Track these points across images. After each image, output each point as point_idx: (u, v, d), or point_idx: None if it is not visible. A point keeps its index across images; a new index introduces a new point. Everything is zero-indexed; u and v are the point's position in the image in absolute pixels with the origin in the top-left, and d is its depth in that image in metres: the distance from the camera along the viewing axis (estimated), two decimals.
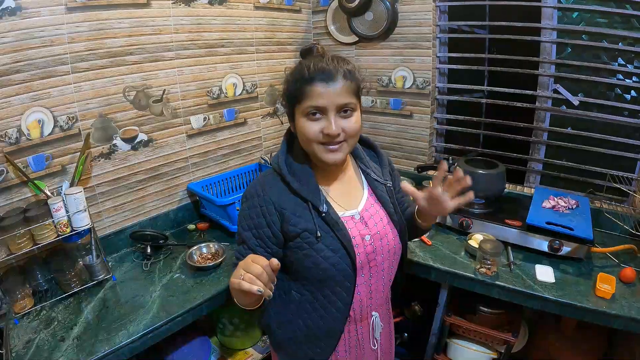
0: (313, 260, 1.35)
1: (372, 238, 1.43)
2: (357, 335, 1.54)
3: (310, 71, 1.25)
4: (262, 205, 1.36)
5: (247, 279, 1.07)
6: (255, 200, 1.37)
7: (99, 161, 2.13)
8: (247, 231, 1.39)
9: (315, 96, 1.25)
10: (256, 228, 1.37)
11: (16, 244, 1.72)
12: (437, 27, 2.68)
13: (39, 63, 1.82)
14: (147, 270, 2.11)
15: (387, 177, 1.57)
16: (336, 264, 1.36)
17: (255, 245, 1.38)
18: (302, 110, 1.28)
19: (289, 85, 1.32)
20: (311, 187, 1.37)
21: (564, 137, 2.51)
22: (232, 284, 1.11)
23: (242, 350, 2.40)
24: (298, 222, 1.35)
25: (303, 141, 1.34)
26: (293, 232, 1.35)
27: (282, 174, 1.37)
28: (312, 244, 1.35)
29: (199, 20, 2.37)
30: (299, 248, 1.37)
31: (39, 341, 1.62)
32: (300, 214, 1.35)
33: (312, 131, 1.28)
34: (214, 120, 2.60)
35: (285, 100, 1.36)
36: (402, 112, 2.93)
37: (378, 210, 1.49)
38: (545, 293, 1.81)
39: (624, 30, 2.19)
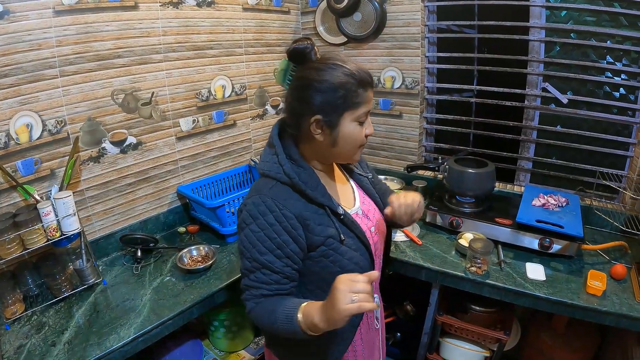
0: (339, 265, 1.33)
1: (375, 228, 1.50)
2: (367, 320, 1.58)
3: (360, 77, 1.25)
4: (281, 221, 1.26)
5: (364, 299, 1.06)
6: (270, 217, 1.26)
7: (88, 165, 2.11)
8: (267, 254, 1.28)
9: (368, 101, 1.29)
10: (279, 248, 1.27)
11: (6, 249, 1.72)
12: (426, 27, 2.68)
13: (26, 67, 1.81)
14: (137, 273, 2.10)
15: (367, 170, 1.63)
16: (359, 262, 1.38)
17: (282, 267, 1.29)
18: (357, 115, 1.27)
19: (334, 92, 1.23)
20: (321, 191, 1.33)
21: (554, 135, 2.52)
22: (350, 310, 1.05)
23: (234, 353, 2.40)
24: (322, 231, 1.31)
25: (349, 146, 1.32)
26: (318, 242, 1.31)
27: (294, 183, 1.29)
28: (337, 248, 1.33)
29: (187, 23, 2.36)
30: (323, 256, 1.33)
31: (30, 346, 1.62)
32: (321, 221, 1.31)
33: (361, 136, 1.31)
34: (203, 122, 2.60)
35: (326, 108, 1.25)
36: (391, 112, 2.93)
37: (370, 202, 1.54)
38: (536, 291, 1.82)
39: (612, 28, 2.20)
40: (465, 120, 2.80)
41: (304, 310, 1.19)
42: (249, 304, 1.33)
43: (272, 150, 1.36)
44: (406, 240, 2.28)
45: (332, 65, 1.25)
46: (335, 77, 1.23)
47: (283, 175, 1.29)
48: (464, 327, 2.17)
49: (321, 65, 1.26)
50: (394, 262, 2.15)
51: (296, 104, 1.30)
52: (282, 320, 1.21)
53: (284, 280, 1.31)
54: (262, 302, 1.30)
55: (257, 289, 1.30)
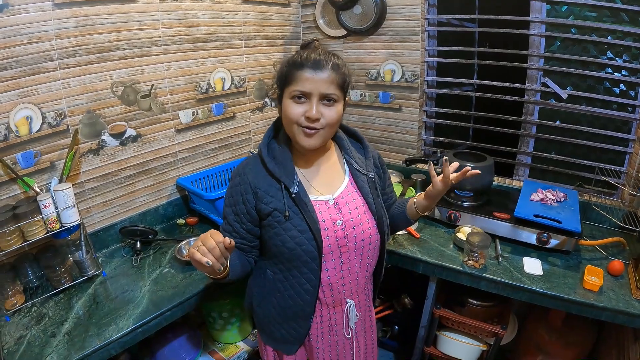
0: (281, 239, 1.43)
1: (345, 224, 1.47)
2: (329, 320, 1.59)
3: (302, 58, 1.35)
4: (240, 184, 1.47)
5: (201, 251, 1.20)
6: (237, 180, 1.49)
7: (88, 157, 2.12)
8: (227, 207, 1.53)
9: (303, 81, 1.34)
10: (234, 205, 1.49)
11: (6, 241, 1.73)
12: (426, 21, 2.68)
13: (26, 60, 1.82)
14: (136, 265, 2.11)
15: (370, 169, 1.61)
16: (302, 244, 1.42)
17: (233, 221, 1.51)
18: (290, 92, 1.37)
19: (282, 68, 1.40)
20: (287, 169, 1.45)
21: (553, 130, 2.52)
22: (189, 253, 1.24)
23: (233, 344, 2.41)
24: (270, 202, 1.43)
25: (285, 122, 1.42)
26: (265, 211, 1.44)
27: (261, 156, 1.49)
28: (280, 222, 1.43)
29: (187, 15, 2.36)
30: (269, 226, 1.46)
31: (30, 337, 1.63)
32: (273, 194, 1.44)
33: (295, 113, 1.36)
34: (203, 114, 2.60)
35: (276, 83, 1.45)
36: (391, 106, 2.93)
37: (356, 199, 1.53)
38: (533, 285, 1.83)
39: (612, 24, 2.20)
40: (464, 114, 2.80)
41: None
42: None
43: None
44: (404, 233, 2.29)
45: (304, 49, 1.44)
46: (290, 57, 1.41)
47: (258, 148, 1.53)
48: (461, 321, 2.18)
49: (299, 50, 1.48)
50: (392, 255, 2.15)
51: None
52: None
53: (234, 233, 1.52)
54: None
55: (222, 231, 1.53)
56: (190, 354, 2.23)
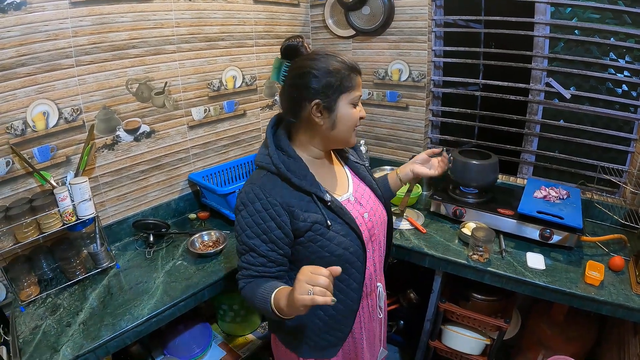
0: (327, 250, 1.40)
1: (369, 215, 1.53)
2: (369, 309, 1.63)
3: (351, 64, 1.37)
4: (267, 208, 1.35)
5: (319, 292, 1.10)
6: (258, 205, 1.35)
7: (103, 152, 2.16)
8: (254, 239, 1.37)
9: (359, 86, 1.41)
10: (265, 233, 1.36)
11: (22, 233, 1.76)
12: (433, 22, 2.71)
13: (43, 56, 1.85)
14: (149, 258, 2.14)
15: (363, 158, 1.69)
16: (349, 247, 1.43)
17: (267, 251, 1.38)
18: (351, 99, 1.39)
19: (330, 76, 1.34)
20: (309, 179, 1.40)
21: (556, 130, 2.55)
22: (303, 300, 1.11)
23: (242, 336, 2.44)
24: (308, 217, 1.37)
25: (345, 128, 1.42)
26: (304, 228, 1.37)
27: (281, 172, 1.37)
28: (324, 234, 1.39)
29: (200, 14, 2.40)
30: (311, 241, 1.40)
31: (45, 327, 1.66)
32: (307, 208, 1.38)
33: (356, 118, 1.42)
34: (214, 112, 2.64)
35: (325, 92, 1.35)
36: (398, 104, 2.97)
37: (365, 189, 1.59)
38: (536, 279, 1.86)
39: (615, 25, 2.22)
40: (470, 113, 2.82)
41: (276, 293, 1.29)
42: (240, 282, 1.45)
43: (265, 142, 1.47)
44: (411, 228, 2.33)
45: (325, 55, 1.36)
46: (330, 64, 1.34)
47: (271, 166, 1.39)
48: (465, 315, 2.22)
49: (316, 56, 1.37)
50: (399, 249, 2.20)
51: (296, 92, 1.38)
52: (259, 301, 1.33)
53: (270, 263, 1.40)
54: (251, 282, 1.41)
55: (247, 270, 1.41)
56: (201, 346, 2.27)
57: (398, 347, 2.88)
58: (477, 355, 2.31)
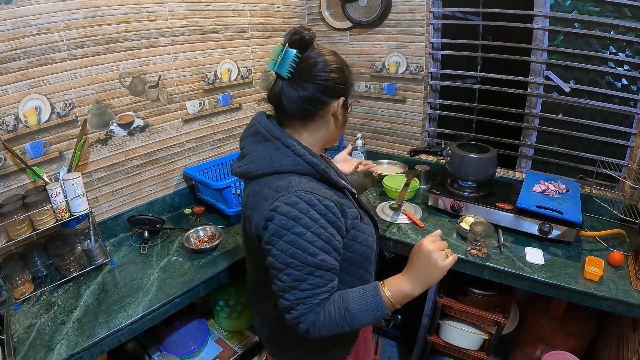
0: (365, 243, 1.38)
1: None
2: None
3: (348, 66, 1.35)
4: (324, 213, 1.18)
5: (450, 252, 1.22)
6: (313, 213, 1.16)
7: (96, 147, 2.14)
8: (320, 254, 1.17)
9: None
10: (328, 242, 1.19)
11: (15, 230, 1.74)
12: (431, 14, 2.68)
13: (35, 50, 1.82)
14: (144, 253, 2.13)
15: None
16: (372, 234, 1.46)
17: (333, 262, 1.21)
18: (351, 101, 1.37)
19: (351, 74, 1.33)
20: (336, 175, 1.36)
21: (555, 123, 2.54)
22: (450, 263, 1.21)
23: (239, 332, 2.44)
24: (349, 213, 1.29)
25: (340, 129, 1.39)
26: (350, 226, 1.29)
27: (318, 171, 1.25)
28: (359, 227, 1.35)
29: (194, 6, 2.37)
30: (353, 239, 1.32)
31: (39, 325, 1.65)
32: (348, 204, 1.32)
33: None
34: (209, 105, 2.62)
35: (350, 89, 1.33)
36: (395, 97, 2.95)
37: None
38: (535, 274, 1.85)
39: (615, 18, 2.21)
40: (468, 106, 2.81)
41: (390, 288, 1.23)
42: (308, 318, 1.20)
43: (273, 143, 1.28)
44: (408, 222, 2.32)
45: (334, 52, 1.33)
46: (343, 63, 1.32)
47: (305, 166, 1.24)
48: (463, 310, 2.22)
49: (333, 51, 1.32)
50: (397, 244, 2.19)
51: (323, 87, 1.26)
52: (365, 311, 1.19)
53: (334, 276, 1.23)
54: (322, 309, 1.20)
55: (313, 297, 1.19)
56: (197, 342, 2.26)
57: (396, 341, 2.88)
58: (475, 350, 2.32)
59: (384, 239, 2.19)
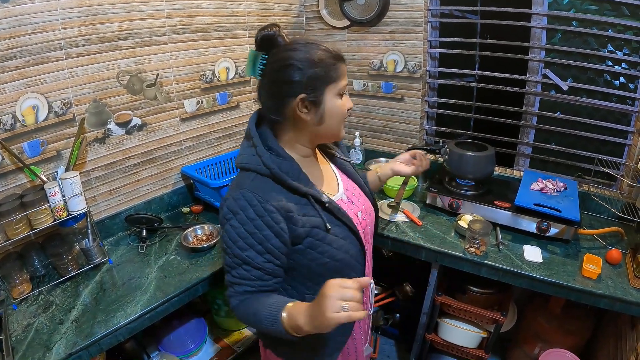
0: (328, 255, 1.31)
1: (362, 213, 1.48)
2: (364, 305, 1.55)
3: (335, 53, 1.28)
4: (262, 215, 1.21)
5: (354, 307, 1.05)
6: (251, 212, 1.22)
7: (94, 146, 2.13)
8: (248, 250, 1.24)
9: (345, 75, 1.31)
10: (261, 243, 1.23)
11: (13, 230, 1.74)
12: (429, 12, 2.68)
13: (32, 49, 1.82)
14: (142, 252, 2.13)
15: (347, 154, 1.61)
16: (349, 250, 1.37)
17: (263, 263, 1.25)
18: (338, 89, 1.29)
19: (314, 67, 1.23)
20: (304, 180, 1.30)
21: (553, 122, 2.53)
22: (338, 318, 1.04)
23: (237, 331, 2.44)
24: (306, 222, 1.27)
25: (334, 121, 1.32)
26: (303, 234, 1.27)
27: (274, 174, 1.25)
28: (324, 238, 1.30)
29: (192, 5, 2.36)
30: (311, 248, 1.30)
31: (37, 325, 1.65)
32: (305, 211, 1.28)
33: (344, 109, 1.32)
34: (207, 104, 2.61)
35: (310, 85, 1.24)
36: (393, 96, 2.95)
37: (354, 187, 1.54)
38: (533, 272, 1.85)
39: (613, 17, 2.20)
40: (466, 104, 2.81)
41: (289, 311, 1.18)
42: (233, 300, 1.31)
43: (249, 142, 1.33)
44: (407, 221, 2.31)
45: (306, 45, 1.26)
46: (313, 54, 1.24)
47: (262, 167, 1.26)
48: (462, 308, 2.22)
49: (296, 45, 1.26)
50: (395, 242, 2.19)
51: (277, 87, 1.27)
52: (266, 322, 1.21)
53: (267, 276, 1.28)
54: (246, 299, 1.28)
55: (240, 286, 1.28)
56: (196, 341, 2.27)
57: (394, 340, 2.88)
58: (473, 348, 2.32)
59: (382, 237, 2.19)
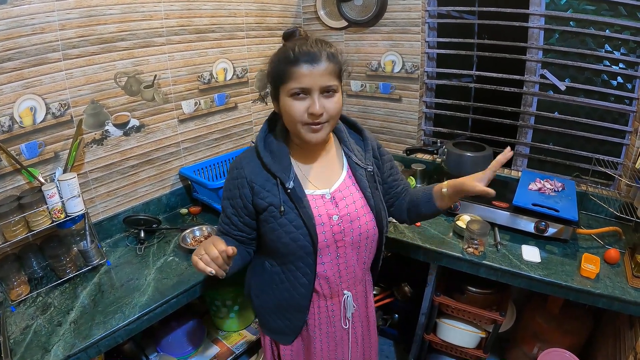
0: (276, 234, 1.43)
1: (341, 219, 1.45)
2: (327, 311, 1.58)
3: (295, 53, 1.27)
4: (237, 178, 1.45)
5: (204, 260, 1.24)
6: (234, 173, 1.46)
7: (92, 147, 2.13)
8: (225, 200, 1.52)
9: (300, 77, 1.27)
10: (232, 198, 1.48)
11: (11, 231, 1.73)
12: (427, 12, 2.69)
13: (30, 51, 1.82)
14: (140, 254, 2.13)
15: (370, 161, 1.56)
16: (297, 240, 1.41)
17: (231, 214, 1.51)
18: (287, 90, 1.30)
19: (274, 66, 1.34)
20: (284, 164, 1.42)
21: (551, 122, 2.54)
22: (193, 260, 1.26)
23: (236, 332, 2.44)
24: (266, 197, 1.41)
25: (288, 121, 1.36)
26: (261, 206, 1.42)
27: (257, 150, 1.45)
28: (276, 218, 1.42)
29: (189, 6, 2.36)
30: (265, 221, 1.45)
31: (36, 327, 1.64)
32: (269, 189, 1.42)
33: (297, 111, 1.30)
34: (205, 105, 2.61)
35: (270, 80, 1.39)
36: (391, 96, 2.95)
37: (353, 193, 1.49)
38: (531, 272, 1.86)
39: (611, 17, 2.21)
40: (464, 105, 2.81)
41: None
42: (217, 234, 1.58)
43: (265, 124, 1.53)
44: None
45: (293, 42, 1.33)
46: (280, 52, 1.33)
47: (255, 143, 1.49)
48: (460, 308, 2.21)
49: (286, 42, 1.38)
50: (393, 242, 2.18)
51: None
52: None
53: (232, 225, 1.52)
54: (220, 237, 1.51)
55: (219, 224, 1.58)
56: (195, 342, 2.27)
57: (393, 340, 2.88)
58: (472, 348, 2.31)
59: None
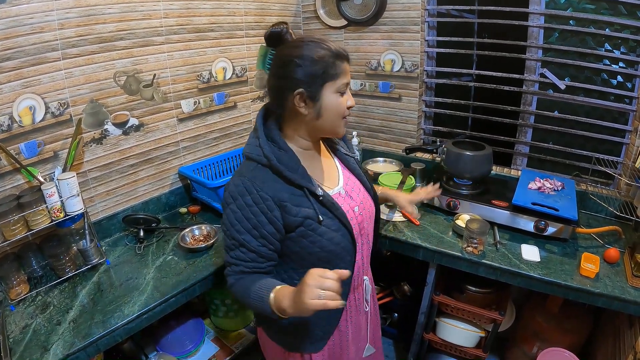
0: (319, 245, 1.38)
1: (359, 208, 1.52)
2: (355, 302, 1.62)
3: (339, 50, 1.32)
4: (258, 202, 1.32)
5: (330, 297, 1.13)
6: (248, 199, 1.32)
7: (91, 146, 2.13)
8: (244, 234, 1.34)
9: (346, 73, 1.35)
10: (256, 228, 1.33)
11: (10, 231, 1.73)
12: (426, 11, 2.68)
13: (29, 50, 1.81)
14: (140, 253, 2.13)
15: (352, 150, 1.66)
16: (340, 242, 1.42)
17: (258, 246, 1.35)
18: (337, 87, 1.33)
19: (320, 65, 1.30)
20: (301, 172, 1.37)
21: (551, 121, 2.54)
22: (315, 305, 1.12)
23: (235, 331, 2.44)
24: (299, 212, 1.35)
25: (329, 119, 1.37)
26: (295, 223, 1.35)
27: (273, 165, 1.34)
28: (315, 229, 1.37)
29: (189, 5, 2.36)
30: (302, 236, 1.38)
31: (35, 326, 1.64)
32: (299, 202, 1.35)
33: (342, 107, 1.37)
34: (204, 104, 2.61)
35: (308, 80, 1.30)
36: (390, 95, 2.95)
37: (355, 182, 1.57)
38: (531, 271, 1.86)
39: (610, 16, 2.21)
40: (463, 104, 2.81)
41: (276, 293, 1.27)
42: (230, 279, 1.42)
43: (255, 133, 1.43)
44: (404, 220, 2.32)
45: (309, 42, 1.32)
46: (314, 52, 1.30)
47: (262, 158, 1.35)
48: (460, 307, 2.22)
49: (299, 43, 1.34)
50: (393, 242, 2.19)
51: (279, 81, 1.36)
52: (255, 299, 1.31)
53: (260, 259, 1.38)
54: (242, 278, 1.39)
55: (237, 266, 1.39)
56: (194, 341, 2.27)
57: (392, 339, 2.88)
58: (472, 347, 2.32)
59: (380, 237, 2.17)
